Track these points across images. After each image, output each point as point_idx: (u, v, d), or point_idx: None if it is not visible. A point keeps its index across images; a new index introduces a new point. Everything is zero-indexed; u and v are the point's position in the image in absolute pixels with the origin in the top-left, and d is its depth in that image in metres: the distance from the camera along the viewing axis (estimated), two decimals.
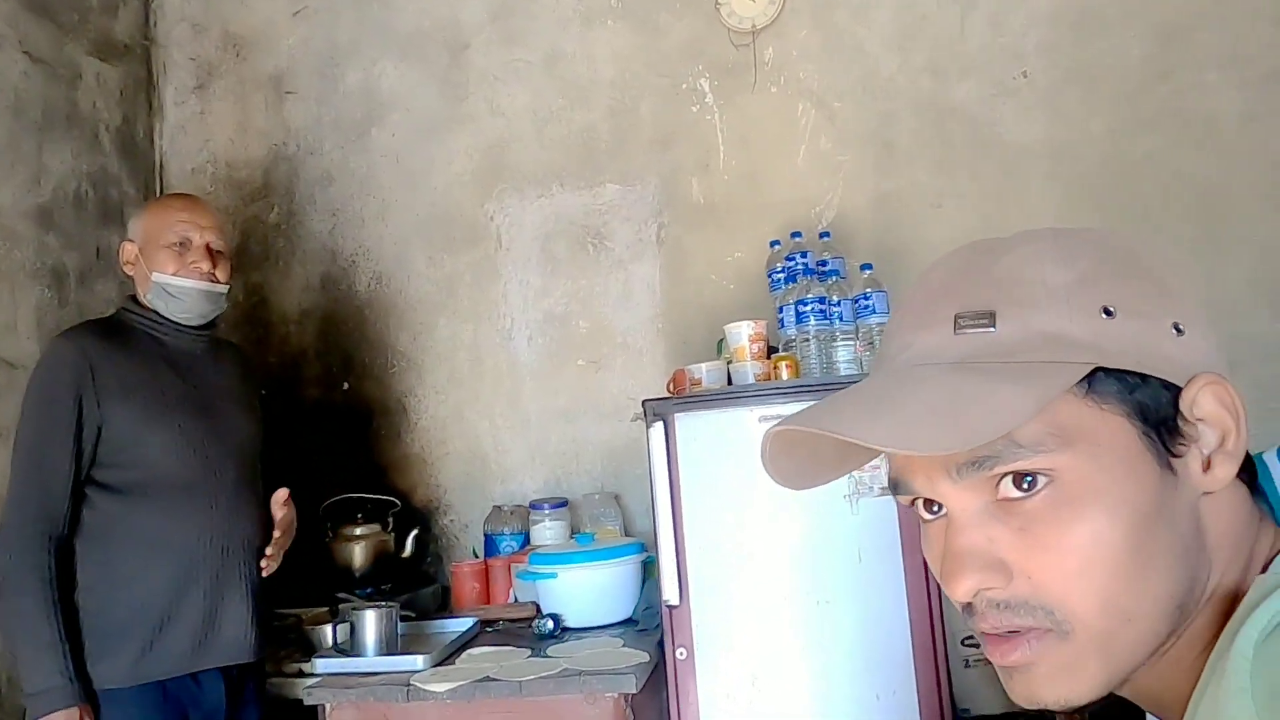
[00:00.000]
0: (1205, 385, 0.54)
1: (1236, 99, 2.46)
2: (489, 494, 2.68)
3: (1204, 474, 0.55)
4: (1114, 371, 0.53)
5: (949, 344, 0.56)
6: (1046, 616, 0.53)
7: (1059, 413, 0.53)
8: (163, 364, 1.85)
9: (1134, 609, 0.52)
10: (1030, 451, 0.52)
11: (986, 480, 0.54)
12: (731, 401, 1.94)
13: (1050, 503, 0.53)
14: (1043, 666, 0.54)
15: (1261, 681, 0.46)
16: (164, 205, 1.99)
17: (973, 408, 0.52)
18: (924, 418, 0.53)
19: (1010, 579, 0.54)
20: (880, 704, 1.81)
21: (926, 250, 2.49)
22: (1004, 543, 0.54)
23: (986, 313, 0.56)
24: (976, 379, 0.54)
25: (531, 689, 1.74)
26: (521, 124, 2.77)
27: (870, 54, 2.63)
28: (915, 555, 1.83)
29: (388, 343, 2.78)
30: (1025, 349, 0.54)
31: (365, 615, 1.93)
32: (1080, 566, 0.52)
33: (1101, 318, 0.54)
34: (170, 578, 1.75)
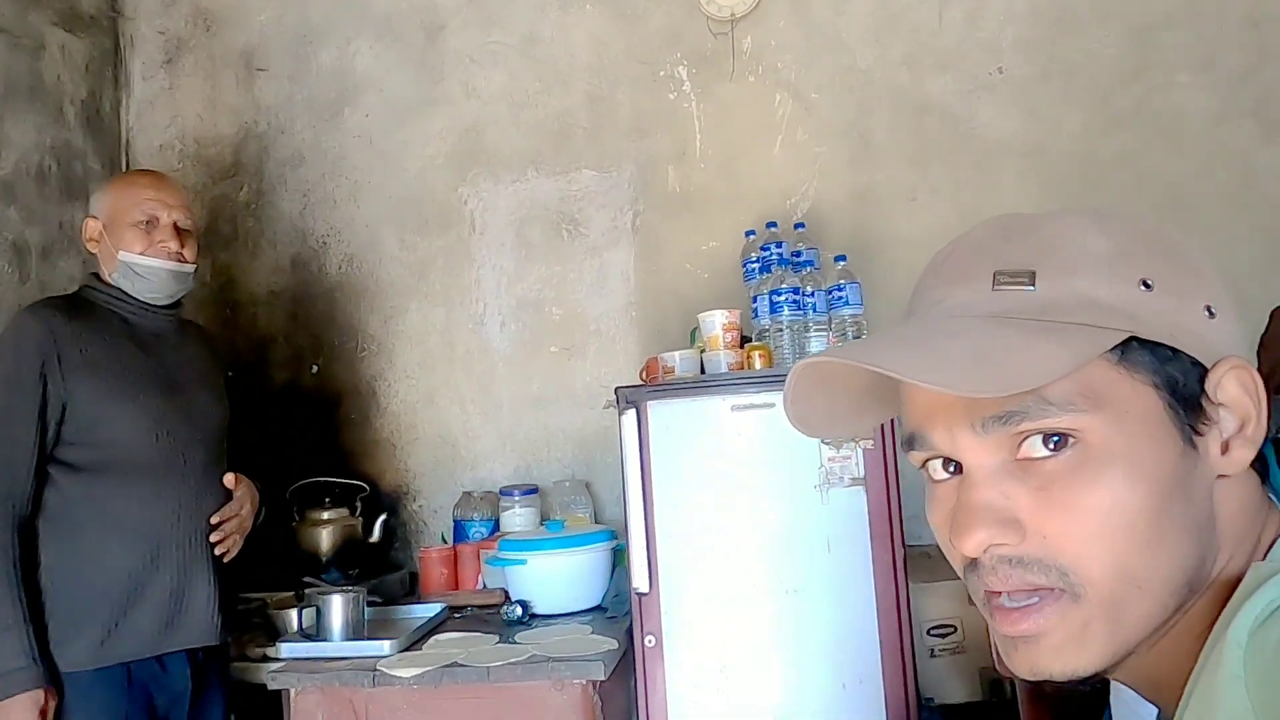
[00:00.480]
0: (1232, 369, 0.55)
1: (1205, 100, 2.49)
2: (459, 480, 2.66)
3: (1222, 456, 0.55)
4: (1147, 343, 0.54)
5: (986, 299, 0.56)
6: (1060, 577, 0.53)
7: (1091, 375, 0.53)
8: (129, 342, 1.82)
9: (1145, 577, 0.52)
10: (1059, 410, 0.52)
11: (1009, 437, 0.54)
12: (704, 390, 1.94)
13: (1072, 464, 0.53)
14: (1052, 637, 0.53)
15: (1254, 669, 0.47)
16: (130, 182, 1.94)
17: (1011, 356, 0.52)
18: (963, 360, 0.52)
19: (1024, 537, 0.53)
20: (847, 693, 1.83)
21: (901, 243, 2.51)
22: (1020, 501, 0.54)
23: (1027, 271, 0.56)
24: (1014, 332, 0.53)
25: (499, 675, 1.74)
26: (497, 107, 2.75)
27: (848, 46, 2.63)
28: (884, 546, 1.84)
29: (358, 326, 2.75)
30: (1063, 310, 0.54)
31: (332, 600, 1.92)
32: (1098, 528, 0.52)
33: (1140, 289, 0.55)
34: (136, 559, 1.73)
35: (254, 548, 1.98)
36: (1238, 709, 0.46)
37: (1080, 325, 0.53)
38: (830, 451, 1.87)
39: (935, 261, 0.63)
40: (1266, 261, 2.34)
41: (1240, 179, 2.44)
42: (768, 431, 1.90)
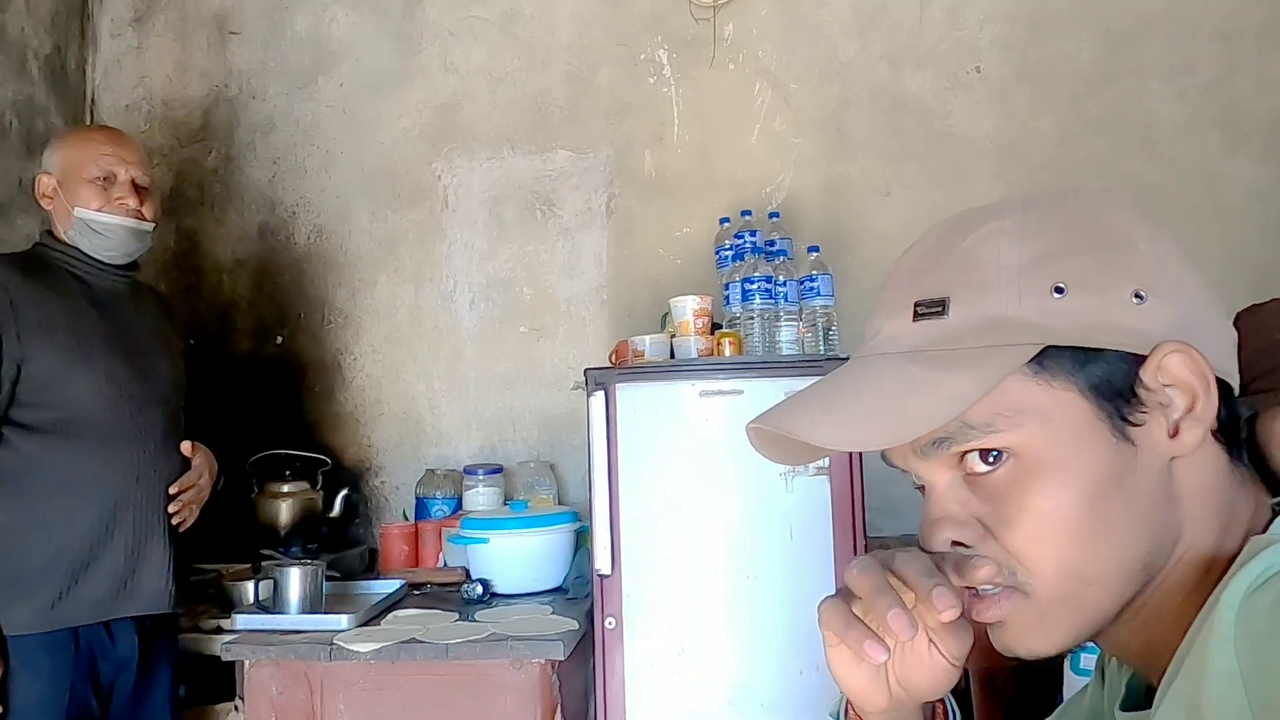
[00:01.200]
0: (1168, 354, 0.55)
1: (1176, 108, 2.53)
2: (422, 457, 2.64)
3: (1171, 440, 0.56)
4: (1065, 348, 0.55)
5: (907, 332, 0.59)
6: (1010, 575, 0.56)
7: (1009, 393, 0.55)
8: (85, 303, 1.78)
9: (1092, 573, 0.55)
10: (980, 432, 0.56)
11: (951, 456, 0.58)
12: (673, 375, 1.94)
13: (1011, 476, 0.56)
14: (1014, 624, 0.57)
15: (1244, 631, 0.48)
16: (85, 137, 1.88)
17: (916, 399, 0.55)
18: (867, 415, 0.57)
19: (982, 538, 0.57)
20: (803, 679, 1.84)
21: (873, 237, 2.53)
22: (974, 508, 0.58)
23: (940, 300, 0.58)
24: (924, 368, 0.57)
25: (458, 652, 1.73)
26: (475, 83, 2.72)
27: (829, 38, 2.63)
28: (845, 535, 1.86)
29: (325, 298, 2.72)
30: (974, 334, 0.56)
31: (289, 572, 1.89)
32: (1038, 534, 0.55)
33: (1052, 297, 0.55)
34: (91, 523, 1.69)
35: (211, 518, 1.95)
36: (1226, 668, 0.48)
37: (990, 347, 0.55)
38: None
39: (882, 284, 0.65)
40: (1228, 269, 2.38)
41: (1206, 187, 2.49)
42: (735, 417, 1.90)
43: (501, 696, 1.74)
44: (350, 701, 1.77)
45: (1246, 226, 2.45)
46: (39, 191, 1.83)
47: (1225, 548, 0.57)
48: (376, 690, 1.76)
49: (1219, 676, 0.48)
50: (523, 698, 1.73)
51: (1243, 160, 2.50)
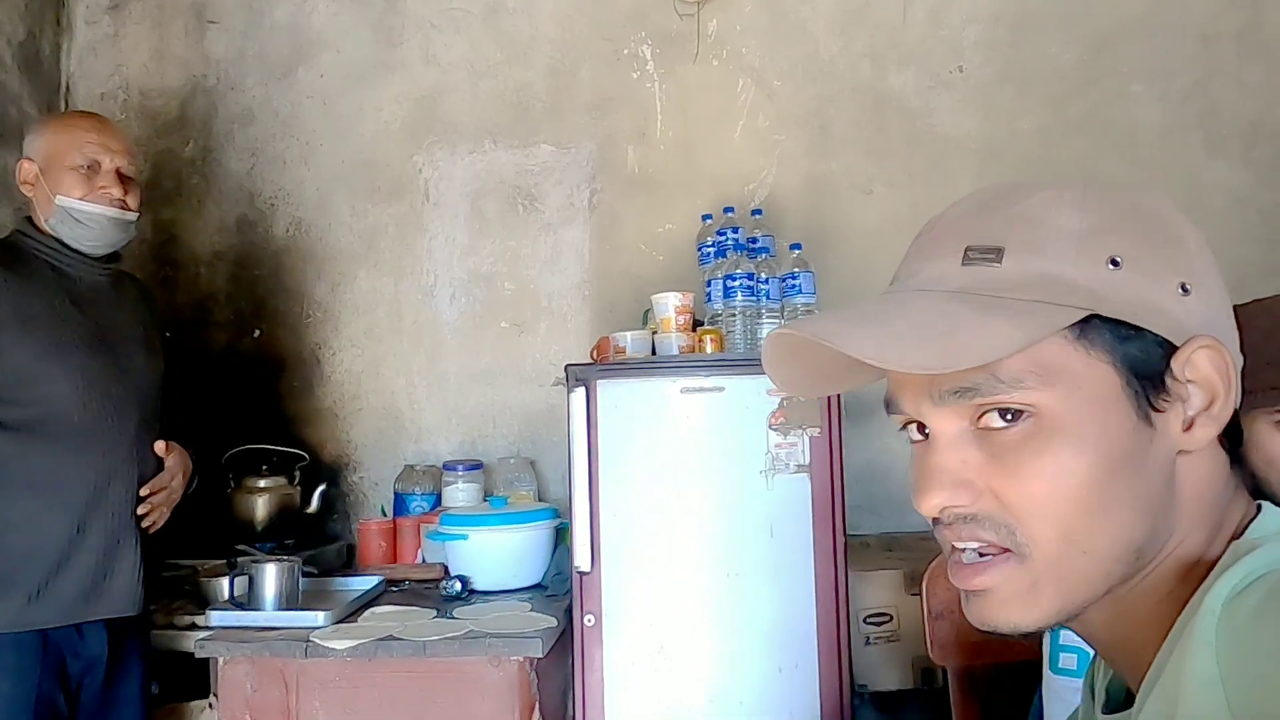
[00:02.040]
0: (1200, 348, 0.56)
1: (1156, 111, 2.54)
2: (401, 453, 2.62)
3: (1184, 433, 0.56)
4: (1109, 320, 0.55)
5: (954, 273, 0.58)
6: (1009, 535, 0.55)
7: (1046, 352, 0.54)
8: (63, 296, 1.74)
9: (1090, 543, 0.55)
10: (1009, 387, 0.54)
11: (968, 408, 0.57)
12: (655, 371, 1.93)
13: (1024, 436, 0.55)
14: (1000, 592, 0.56)
15: (1225, 635, 0.48)
16: (70, 123, 1.84)
17: (960, 333, 0.53)
18: (910, 336, 0.54)
19: (977, 497, 0.56)
20: (782, 676, 1.84)
21: (856, 234, 2.53)
22: (975, 465, 0.56)
23: (995, 248, 0.57)
24: (971, 308, 0.55)
25: (435, 649, 1.72)
26: (456, 75, 2.69)
27: (813, 35, 2.63)
28: (825, 534, 1.86)
29: (304, 291, 2.69)
30: (1025, 287, 0.55)
31: (265, 568, 1.87)
32: (1044, 495, 0.54)
33: (1107, 267, 0.55)
34: (63, 523, 1.66)
35: (186, 514, 1.93)
36: (1207, 673, 0.48)
37: (1039, 303, 0.54)
38: (777, 438, 1.88)
39: (921, 231, 0.63)
40: None
41: (1186, 190, 2.50)
42: (716, 415, 1.90)
43: (479, 694, 1.73)
44: (326, 699, 1.75)
45: (1226, 230, 2.47)
46: (19, 178, 1.79)
47: (1211, 552, 0.57)
48: (353, 688, 1.75)
49: (1199, 682, 0.48)
50: (501, 695, 1.72)
51: (1222, 164, 2.52)
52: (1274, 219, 2.49)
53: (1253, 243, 2.47)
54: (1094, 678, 0.68)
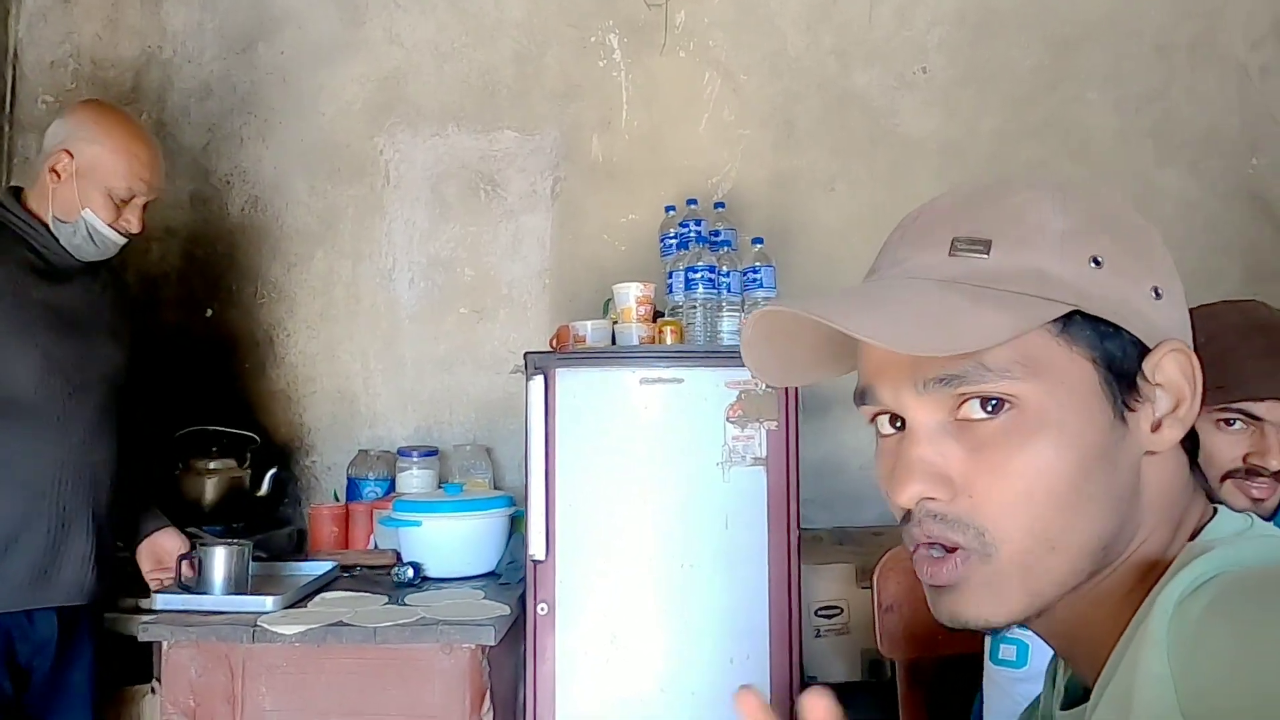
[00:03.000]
0: (1171, 351, 0.57)
1: (1112, 117, 2.60)
2: (355, 437, 2.59)
3: (1152, 434, 0.58)
4: (1090, 318, 0.56)
5: (943, 263, 0.58)
6: (976, 537, 0.56)
7: (1031, 345, 0.55)
8: (33, 275, 1.70)
9: (1060, 540, 0.55)
10: (996, 376, 0.55)
11: (950, 398, 0.57)
12: (614, 361, 1.93)
13: (1005, 428, 0.55)
14: (967, 587, 0.57)
15: (1176, 635, 0.49)
16: (129, 149, 1.76)
17: (955, 320, 0.54)
18: (909, 319, 0.55)
19: (954, 495, 0.56)
20: (734, 667, 1.86)
21: (818, 231, 2.55)
22: (954, 459, 0.56)
23: (983, 240, 0.58)
24: (962, 297, 0.56)
25: (386, 636, 1.70)
26: (421, 57, 2.66)
27: (780, 31, 2.64)
28: (780, 526, 1.88)
29: (259, 271, 2.64)
30: (1013, 280, 0.56)
31: (214, 551, 1.84)
32: (1022, 489, 0.55)
33: (1089, 266, 0.56)
34: (13, 507, 1.62)
35: (133, 495, 1.89)
36: (1157, 671, 0.49)
37: (1027, 296, 0.55)
38: (735, 430, 1.89)
39: (904, 222, 0.64)
40: None
41: (1137, 196, 2.55)
42: (675, 406, 1.91)
43: (430, 682, 1.72)
44: (273, 685, 1.73)
45: (1174, 236, 2.53)
46: (50, 164, 1.72)
47: (1170, 552, 0.58)
48: (300, 674, 1.73)
49: (1150, 679, 0.49)
50: (452, 683, 1.71)
51: (1172, 172, 2.58)
52: (1218, 228, 2.56)
53: (1197, 250, 2.54)
54: (1056, 672, 0.69)
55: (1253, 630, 0.45)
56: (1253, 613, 0.46)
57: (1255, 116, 2.58)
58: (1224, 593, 0.49)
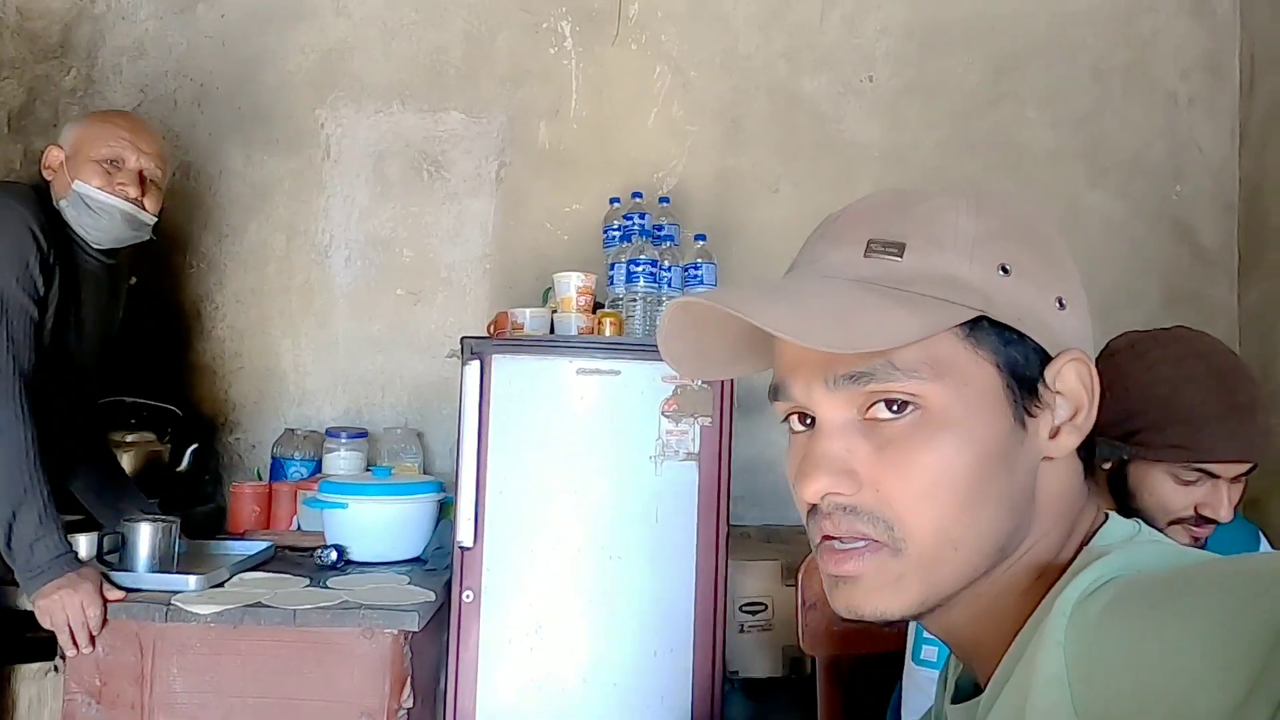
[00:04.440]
0: (1072, 360, 0.59)
1: (1048, 136, 2.67)
2: (282, 415, 2.54)
3: (1050, 440, 0.59)
4: (996, 324, 0.57)
5: (857, 263, 0.60)
6: (885, 530, 0.57)
7: (938, 347, 0.57)
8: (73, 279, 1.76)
9: (961, 538, 0.57)
10: (904, 376, 0.56)
11: (859, 395, 0.58)
12: (552, 350, 1.92)
13: (910, 427, 0.57)
14: (868, 580, 0.57)
15: (1073, 636, 0.50)
16: (105, 119, 1.84)
17: (865, 317, 0.55)
18: (821, 317, 0.56)
19: (859, 488, 0.57)
20: (657, 660, 1.87)
21: (759, 230, 2.57)
22: (860, 455, 0.57)
23: (898, 243, 0.59)
24: (874, 296, 0.57)
25: (306, 619, 1.67)
26: (368, 31, 2.61)
27: (732, 29, 2.65)
28: (709, 522, 1.89)
29: (188, 241, 2.56)
30: (924, 283, 0.57)
31: (139, 528, 1.78)
32: (925, 488, 0.56)
33: (998, 273, 0.58)
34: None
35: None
36: (1054, 671, 0.50)
37: (936, 299, 0.57)
38: (669, 425, 1.90)
39: (825, 221, 0.65)
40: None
41: (1066, 214, 2.64)
42: (610, 398, 1.91)
43: (350, 666, 1.69)
44: (185, 665, 1.68)
45: (1099, 255, 2.62)
46: (45, 163, 1.79)
47: (1064, 555, 0.60)
48: (214, 655, 1.68)
49: (1047, 679, 0.50)
50: (372, 668, 1.69)
51: (1101, 193, 2.67)
52: (1141, 249, 2.66)
53: (1121, 269, 2.63)
54: (948, 672, 0.71)
55: (1146, 633, 0.46)
56: (1146, 616, 0.47)
57: (1180, 144, 2.68)
58: (1120, 596, 0.51)
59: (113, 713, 1.66)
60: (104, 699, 1.67)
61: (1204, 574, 0.49)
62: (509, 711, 1.86)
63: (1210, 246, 2.66)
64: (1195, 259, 2.67)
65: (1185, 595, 0.47)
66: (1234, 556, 0.52)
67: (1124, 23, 2.68)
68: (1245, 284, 2.62)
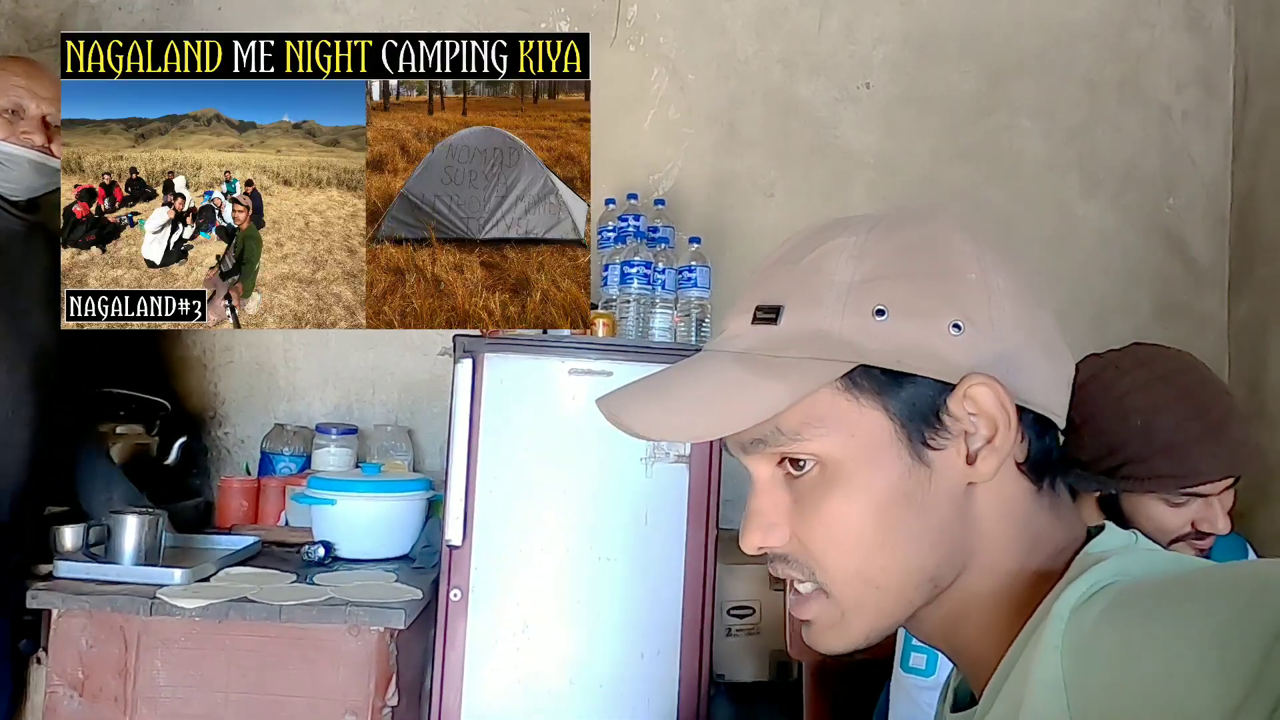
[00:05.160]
0: (972, 386, 0.57)
1: (1041, 146, 2.68)
2: (272, 410, 2.53)
3: (969, 466, 0.59)
4: (876, 369, 0.57)
5: (745, 333, 0.62)
6: (811, 575, 0.61)
7: (818, 405, 0.58)
8: None
9: (880, 580, 0.59)
10: (789, 439, 0.59)
11: (769, 455, 0.61)
12: (544, 350, 1.92)
13: (814, 482, 0.60)
14: (818, 623, 0.62)
15: (1070, 642, 0.51)
16: (1, 65, 1.79)
17: (733, 399, 0.59)
18: (686, 409, 0.60)
19: (786, 539, 0.61)
20: (644, 662, 1.87)
21: (754, 234, 2.57)
22: (782, 509, 0.61)
23: (775, 307, 0.61)
24: (748, 370, 0.59)
25: (292, 615, 1.66)
26: (365, 27, 2.60)
27: (730, 34, 2.66)
28: (699, 525, 1.89)
29: None
30: (797, 344, 0.58)
31: (125, 520, 1.77)
32: (831, 537, 0.59)
33: (872, 318, 0.57)
34: None
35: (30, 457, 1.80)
36: (1050, 676, 0.51)
37: (808, 359, 0.58)
38: None
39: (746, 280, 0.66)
40: (1072, 304, 2.55)
41: (1061, 225, 2.65)
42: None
43: (335, 663, 1.68)
44: (169, 659, 1.67)
45: (1092, 266, 2.63)
46: None
47: (1040, 565, 0.59)
48: (199, 649, 1.68)
49: (1042, 684, 0.51)
50: (357, 665, 1.68)
51: (1094, 204, 2.68)
52: (1133, 259, 2.67)
53: (1113, 279, 2.64)
54: (949, 683, 0.71)
55: (1142, 638, 0.47)
56: (1143, 621, 0.48)
57: (1174, 156, 2.69)
58: (1117, 601, 0.51)
59: (95, 705, 1.66)
60: (87, 691, 1.66)
61: (1200, 579, 0.50)
62: (495, 711, 1.86)
63: (1202, 259, 2.68)
64: (1187, 271, 2.68)
65: (1182, 601, 0.47)
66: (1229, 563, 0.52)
67: (1119, 35, 2.70)
68: (1236, 297, 2.64)
